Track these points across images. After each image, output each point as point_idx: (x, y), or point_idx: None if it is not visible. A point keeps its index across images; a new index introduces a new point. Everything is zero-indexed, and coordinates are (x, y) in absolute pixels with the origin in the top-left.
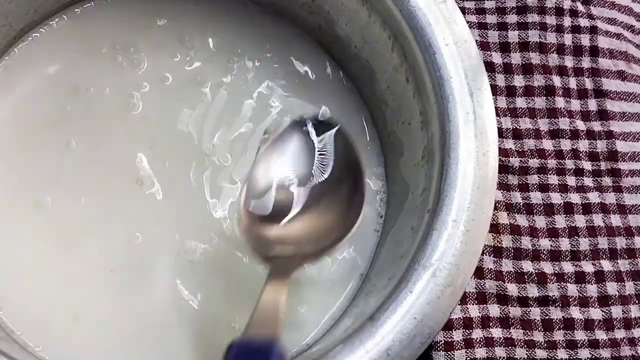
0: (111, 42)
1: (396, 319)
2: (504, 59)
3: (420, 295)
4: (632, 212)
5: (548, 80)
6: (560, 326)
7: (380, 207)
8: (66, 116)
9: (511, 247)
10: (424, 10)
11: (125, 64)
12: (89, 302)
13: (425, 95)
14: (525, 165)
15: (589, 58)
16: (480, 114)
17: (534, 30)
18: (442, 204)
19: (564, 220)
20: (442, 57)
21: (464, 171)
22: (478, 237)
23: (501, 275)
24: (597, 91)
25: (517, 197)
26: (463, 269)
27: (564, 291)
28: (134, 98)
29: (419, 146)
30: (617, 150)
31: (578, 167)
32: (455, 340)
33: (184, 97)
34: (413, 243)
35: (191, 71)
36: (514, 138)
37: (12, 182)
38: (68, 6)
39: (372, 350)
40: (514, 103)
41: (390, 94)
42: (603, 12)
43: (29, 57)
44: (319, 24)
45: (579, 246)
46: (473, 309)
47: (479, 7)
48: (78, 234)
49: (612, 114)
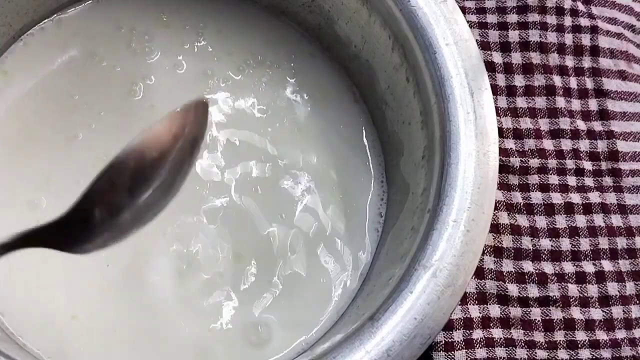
0: (129, 27)
1: (396, 319)
2: (504, 58)
3: (421, 295)
4: (633, 212)
5: (548, 80)
6: (561, 326)
7: (381, 207)
8: (70, 109)
9: (512, 247)
10: (424, 9)
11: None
12: (87, 301)
13: (426, 95)
14: (526, 165)
15: (589, 58)
16: (480, 113)
17: (534, 30)
18: (443, 204)
19: (564, 220)
20: (442, 56)
21: (464, 171)
22: (478, 237)
23: (502, 275)
24: (597, 91)
25: (518, 197)
26: (463, 269)
27: (564, 291)
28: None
29: (419, 146)
30: (617, 150)
31: (579, 167)
32: (455, 340)
33: (186, 89)
34: (413, 243)
35: (191, 68)
36: (515, 138)
37: (7, 181)
38: (67, 6)
39: (373, 350)
40: (515, 103)
41: (391, 93)
42: (604, 11)
43: (31, 52)
44: (319, 24)
45: (580, 246)
46: (473, 309)
47: (479, 7)
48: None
49: (612, 114)
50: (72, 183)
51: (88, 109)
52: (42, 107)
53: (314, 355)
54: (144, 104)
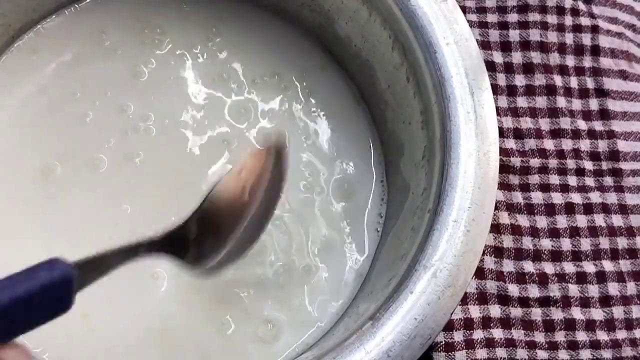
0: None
1: (397, 319)
2: (504, 58)
3: (421, 295)
4: (634, 212)
5: (549, 79)
6: (562, 327)
7: (381, 207)
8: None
9: (512, 247)
10: (424, 9)
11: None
12: (99, 300)
13: (426, 95)
14: (526, 165)
15: (590, 57)
16: (481, 113)
17: (535, 30)
18: (443, 204)
19: (565, 220)
20: (442, 56)
21: (464, 171)
22: (479, 237)
23: (502, 275)
24: (598, 91)
25: (518, 197)
26: (464, 269)
27: (565, 291)
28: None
29: (419, 146)
30: (618, 150)
31: (579, 166)
32: (456, 340)
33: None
34: (414, 243)
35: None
36: (515, 138)
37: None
38: (66, 5)
39: (373, 351)
40: (515, 102)
41: (391, 93)
42: (604, 11)
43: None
44: (319, 23)
45: (580, 246)
46: (474, 310)
47: (479, 6)
48: (85, 219)
49: (613, 114)
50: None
51: (90, 108)
52: (43, 107)
53: (314, 355)
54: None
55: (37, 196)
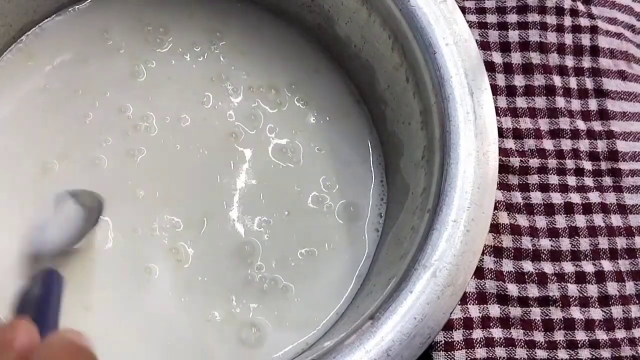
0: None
1: (396, 319)
2: (504, 58)
3: (421, 295)
4: (633, 212)
5: (548, 80)
6: (561, 326)
7: (381, 207)
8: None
9: (511, 247)
10: (424, 9)
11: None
12: (101, 293)
13: (426, 95)
14: (526, 165)
15: (589, 58)
16: (480, 113)
17: (534, 30)
18: (442, 204)
19: (564, 220)
20: (442, 56)
21: (464, 171)
22: (478, 237)
23: (501, 275)
24: (597, 91)
25: (518, 197)
26: (463, 269)
27: (564, 291)
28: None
29: (419, 146)
30: (617, 150)
31: (578, 167)
32: (455, 340)
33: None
34: (413, 243)
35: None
36: (514, 138)
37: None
38: (67, 6)
39: (372, 350)
40: (514, 103)
41: (391, 93)
42: (603, 11)
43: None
44: (318, 23)
45: (580, 246)
46: (473, 309)
47: (479, 7)
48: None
49: (612, 114)
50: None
51: (90, 107)
52: (43, 106)
53: (314, 355)
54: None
55: (37, 194)
